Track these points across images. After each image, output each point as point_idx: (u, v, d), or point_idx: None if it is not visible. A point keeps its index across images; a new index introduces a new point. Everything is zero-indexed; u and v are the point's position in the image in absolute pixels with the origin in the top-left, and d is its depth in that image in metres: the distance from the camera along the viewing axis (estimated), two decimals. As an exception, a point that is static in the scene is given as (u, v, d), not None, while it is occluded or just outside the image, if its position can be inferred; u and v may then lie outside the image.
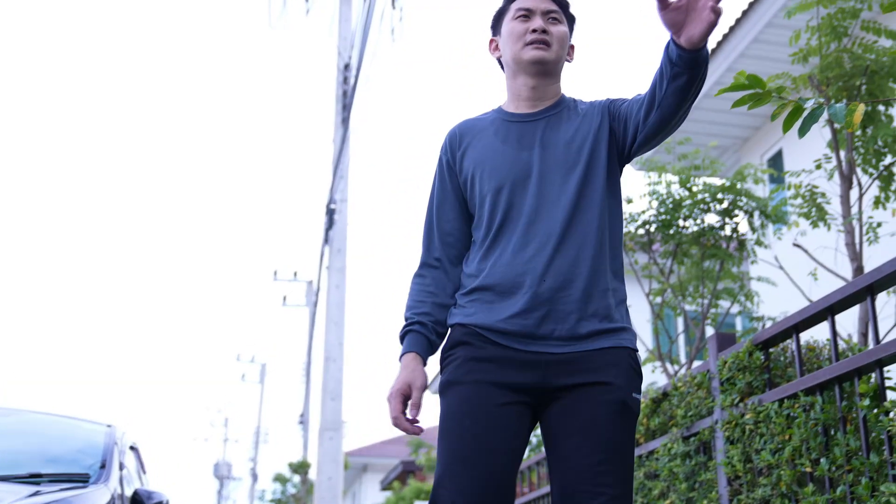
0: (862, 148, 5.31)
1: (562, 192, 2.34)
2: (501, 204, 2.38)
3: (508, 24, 2.48)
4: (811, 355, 3.88)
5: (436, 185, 2.55)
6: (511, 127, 2.46)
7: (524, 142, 2.42)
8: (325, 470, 10.90)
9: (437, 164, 2.57)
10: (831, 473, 3.30)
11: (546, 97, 2.48)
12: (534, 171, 2.37)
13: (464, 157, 2.48)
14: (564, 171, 2.36)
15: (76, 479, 3.98)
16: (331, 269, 11.70)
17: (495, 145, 2.44)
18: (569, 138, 2.40)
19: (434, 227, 2.51)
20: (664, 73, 2.17)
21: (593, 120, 2.42)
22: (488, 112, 2.57)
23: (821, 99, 2.33)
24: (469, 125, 2.55)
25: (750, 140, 10.97)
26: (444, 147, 2.56)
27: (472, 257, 2.45)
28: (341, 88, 12.16)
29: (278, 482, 23.72)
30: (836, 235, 6.09)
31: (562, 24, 2.47)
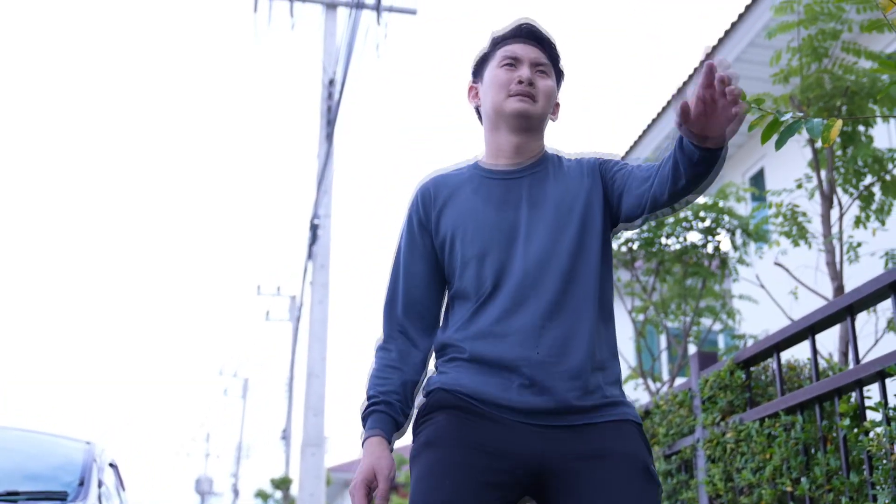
0: (842, 168, 5.36)
1: (553, 255, 2.12)
2: (487, 269, 2.13)
3: (492, 71, 2.25)
4: (792, 374, 3.90)
5: (403, 247, 2.27)
6: (492, 184, 2.22)
7: (509, 200, 2.19)
8: (307, 486, 10.84)
9: (404, 222, 2.29)
10: (812, 493, 3.30)
11: (528, 152, 2.25)
12: (521, 233, 2.14)
13: (440, 218, 2.22)
14: (555, 233, 2.14)
15: (54, 496, 3.94)
16: (314, 285, 11.68)
17: (476, 204, 2.20)
18: (558, 197, 2.18)
19: (400, 294, 2.24)
20: (681, 170, 1.91)
21: (583, 179, 2.22)
22: (462, 166, 2.32)
23: (799, 113, 2.33)
24: (443, 180, 2.29)
25: (732, 158, 11.03)
26: (414, 204, 2.28)
27: (451, 324, 2.18)
28: (326, 104, 12.16)
29: (260, 498, 23.58)
30: (817, 254, 6.13)
31: (550, 78, 2.25)
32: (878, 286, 3.04)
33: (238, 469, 34.16)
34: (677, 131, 1.92)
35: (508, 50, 2.24)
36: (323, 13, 12.90)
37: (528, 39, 2.26)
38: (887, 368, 2.89)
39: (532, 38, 2.26)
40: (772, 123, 2.24)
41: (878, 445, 2.90)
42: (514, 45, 2.25)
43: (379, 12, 11.99)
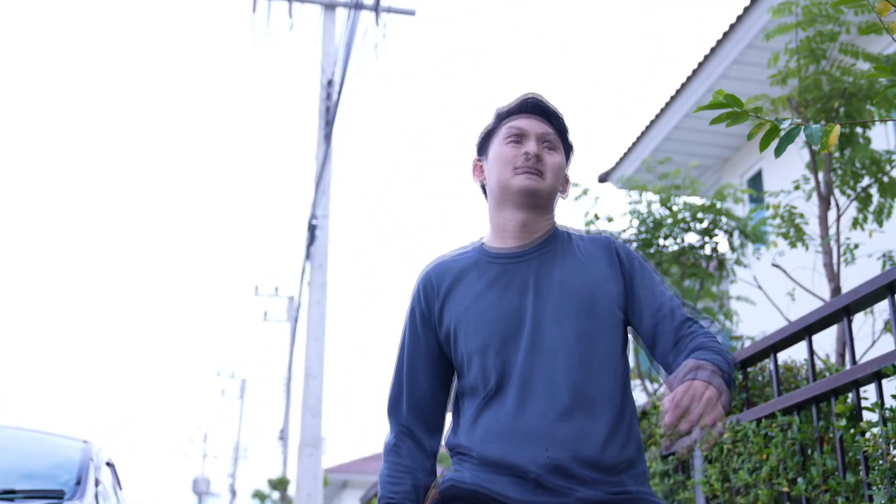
0: (840, 169, 5.37)
1: (562, 346, 1.98)
2: (491, 364, 2.01)
3: (497, 146, 2.13)
4: (789, 375, 3.90)
5: (406, 341, 2.15)
6: (497, 267, 2.09)
7: (514, 285, 2.06)
8: (304, 486, 10.84)
9: (407, 314, 2.17)
10: (808, 493, 3.31)
11: (536, 231, 2.12)
12: (527, 322, 2.01)
13: (443, 309, 2.10)
14: (564, 321, 2.00)
15: (51, 495, 3.94)
16: (312, 285, 11.68)
17: (479, 291, 2.07)
18: (567, 281, 2.04)
19: (404, 391, 2.14)
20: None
21: (598, 264, 2.08)
22: (467, 248, 2.19)
23: (797, 119, 2.34)
24: (446, 267, 2.15)
25: (730, 160, 11.04)
26: (416, 295, 2.16)
27: (461, 424, 2.07)
28: (324, 104, 12.17)
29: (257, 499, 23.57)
30: (814, 256, 6.14)
31: (558, 152, 2.13)
32: (874, 287, 3.05)
33: (235, 469, 34.14)
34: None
35: (514, 125, 2.13)
36: (321, 14, 12.91)
37: (534, 114, 2.15)
38: (884, 369, 2.90)
39: (538, 112, 2.15)
40: (770, 130, 2.25)
41: (875, 446, 2.91)
42: (519, 119, 2.14)
43: (377, 13, 12.01)
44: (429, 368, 2.13)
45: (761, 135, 2.29)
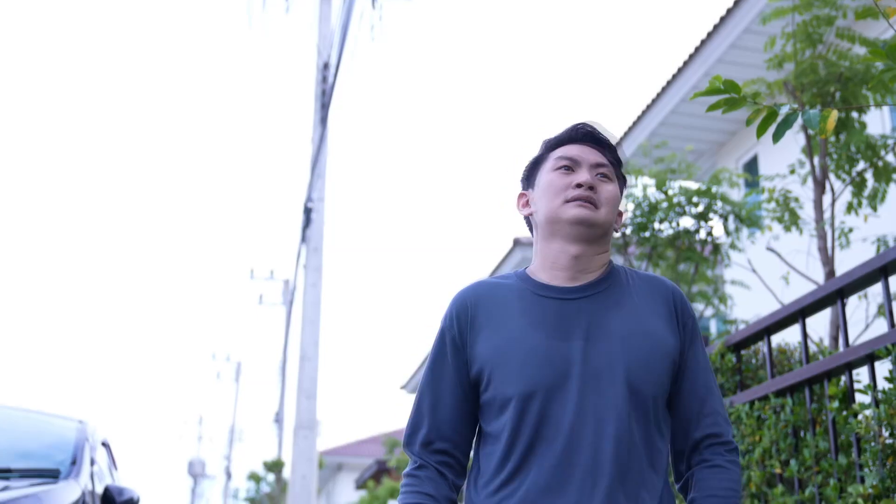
0: (835, 154, 5.37)
1: (614, 409, 1.78)
2: (531, 417, 1.80)
3: (546, 175, 1.96)
4: (782, 358, 3.92)
5: (432, 370, 1.95)
6: (544, 305, 1.88)
7: (563, 327, 1.84)
8: (299, 468, 10.87)
9: (436, 337, 1.96)
10: (800, 474, 3.33)
11: (590, 268, 1.92)
12: (574, 373, 1.80)
13: (478, 339, 1.89)
14: (618, 379, 1.80)
15: (46, 474, 3.96)
16: (307, 268, 11.68)
17: (522, 327, 1.86)
18: (625, 331, 1.84)
19: (425, 421, 1.93)
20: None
21: (660, 320, 1.89)
22: (509, 276, 1.99)
23: (795, 105, 2.35)
24: (485, 292, 1.95)
25: (726, 145, 11.05)
26: (448, 319, 1.95)
27: (481, 482, 1.87)
28: (320, 87, 12.13)
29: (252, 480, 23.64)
30: (809, 240, 6.16)
31: (612, 182, 1.94)
32: (868, 270, 3.06)
33: (231, 452, 34.22)
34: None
35: (564, 152, 1.96)
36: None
37: (586, 142, 1.98)
38: (876, 351, 2.92)
39: (591, 141, 1.98)
40: (768, 116, 2.25)
41: (867, 428, 2.93)
42: (570, 147, 1.97)
43: (374, -5, 11.95)
44: (456, 404, 1.92)
45: (759, 120, 2.29)
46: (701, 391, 1.90)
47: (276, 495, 21.61)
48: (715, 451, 1.87)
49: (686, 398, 1.89)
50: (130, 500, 4.16)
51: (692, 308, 1.96)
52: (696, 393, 1.89)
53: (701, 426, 1.88)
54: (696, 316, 1.97)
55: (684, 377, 1.90)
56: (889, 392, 2.80)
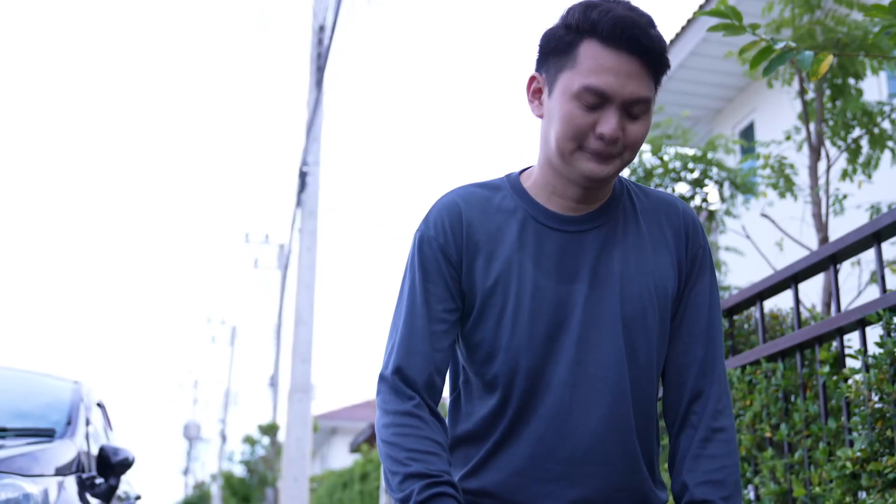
0: (831, 120, 5.37)
1: (612, 362, 1.62)
2: (521, 371, 1.62)
3: (564, 95, 1.56)
4: (774, 323, 3.94)
5: (422, 282, 1.64)
6: (547, 237, 1.64)
7: (566, 266, 1.63)
8: (294, 431, 10.94)
9: (419, 248, 1.66)
10: (790, 438, 3.36)
11: (598, 197, 1.67)
12: (574, 321, 1.62)
13: (474, 264, 1.64)
14: (618, 331, 1.63)
15: (41, 434, 3.98)
16: (302, 232, 11.69)
17: (524, 264, 1.63)
18: (628, 276, 1.64)
19: (421, 348, 1.63)
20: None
21: (666, 255, 1.68)
22: (501, 183, 1.71)
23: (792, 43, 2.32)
24: (479, 204, 1.67)
25: (723, 111, 11.02)
26: (438, 226, 1.65)
27: (461, 432, 1.69)
28: (316, 50, 12.07)
29: (247, 443, 23.78)
30: (803, 206, 6.17)
31: (646, 116, 1.58)
32: (861, 235, 3.07)
33: (226, 415, 34.41)
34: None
35: (595, 83, 1.53)
36: (313, -43, 12.73)
37: (628, 50, 1.53)
38: (868, 317, 2.93)
39: (637, 51, 1.54)
40: (763, 50, 2.24)
41: (857, 392, 2.94)
42: (605, 57, 1.53)
43: (370, -43, 11.86)
44: (450, 326, 1.65)
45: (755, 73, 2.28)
46: (700, 338, 1.69)
47: (271, 458, 21.76)
48: (704, 419, 1.66)
49: (682, 343, 1.69)
50: (125, 460, 4.19)
51: (705, 237, 1.74)
52: (696, 340, 1.69)
53: (695, 382, 1.68)
54: (709, 247, 1.73)
55: (684, 318, 1.69)
56: (879, 357, 2.82)
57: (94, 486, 4.05)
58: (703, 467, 1.63)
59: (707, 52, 9.71)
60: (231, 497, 24.80)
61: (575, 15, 1.56)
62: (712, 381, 1.68)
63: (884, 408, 2.83)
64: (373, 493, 12.96)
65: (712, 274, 1.72)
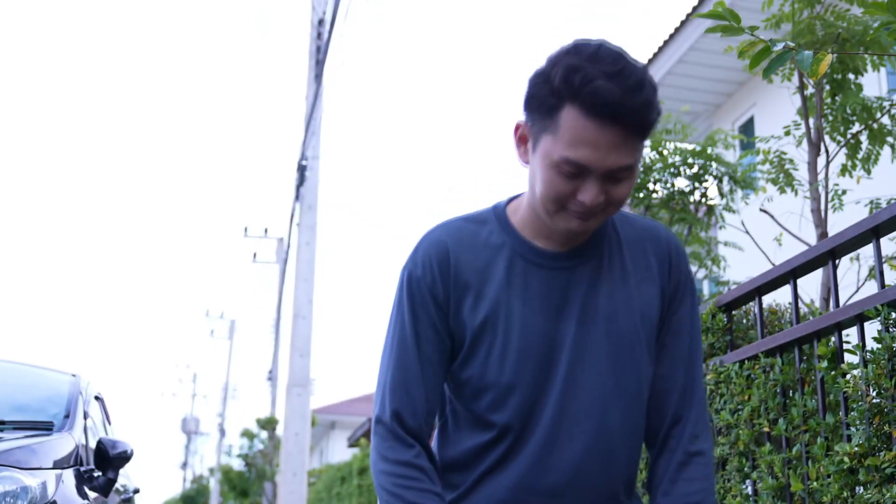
0: (831, 115, 5.36)
1: (599, 398, 1.63)
2: (512, 404, 1.62)
3: (547, 168, 1.53)
4: (773, 318, 3.94)
5: (413, 321, 1.64)
6: (534, 274, 1.64)
7: (552, 302, 1.63)
8: (292, 426, 10.95)
9: (406, 287, 1.66)
10: (788, 433, 3.36)
11: (583, 235, 1.66)
12: (563, 358, 1.62)
13: (463, 302, 1.63)
14: (605, 366, 1.64)
15: (40, 427, 3.98)
16: (301, 226, 11.68)
17: (513, 303, 1.63)
18: (615, 312, 1.65)
19: (418, 389, 1.63)
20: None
21: (650, 287, 1.69)
22: (487, 217, 1.70)
23: (790, 43, 2.32)
24: (466, 240, 1.66)
25: (722, 107, 11.02)
26: (425, 265, 1.65)
27: (451, 455, 1.70)
28: (315, 44, 12.05)
29: (246, 437, 23.80)
30: (802, 202, 6.16)
31: (630, 176, 1.54)
32: (860, 231, 3.07)
33: (224, 409, 34.43)
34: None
35: (575, 147, 1.47)
36: (313, -49, 12.71)
37: (611, 121, 1.46)
38: (866, 311, 2.93)
39: (618, 121, 1.47)
40: (761, 51, 2.24)
41: (855, 387, 2.95)
42: (586, 129, 1.46)
43: (370, -49, 11.82)
44: (443, 362, 1.66)
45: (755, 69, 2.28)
46: (681, 363, 1.71)
47: (270, 452, 21.77)
48: (682, 443, 1.68)
49: (664, 368, 1.71)
50: (124, 453, 4.19)
51: (688, 263, 1.76)
52: (677, 366, 1.71)
53: (675, 406, 1.70)
54: (691, 272, 1.75)
55: (666, 344, 1.71)
56: (877, 352, 2.82)
57: (92, 479, 4.05)
58: (680, 490, 1.65)
59: (706, 47, 9.70)
60: (229, 491, 24.82)
61: (557, 77, 1.48)
62: (691, 406, 1.70)
63: (882, 403, 2.83)
64: (371, 487, 12.98)
65: (693, 299, 1.74)
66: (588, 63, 1.46)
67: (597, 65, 1.46)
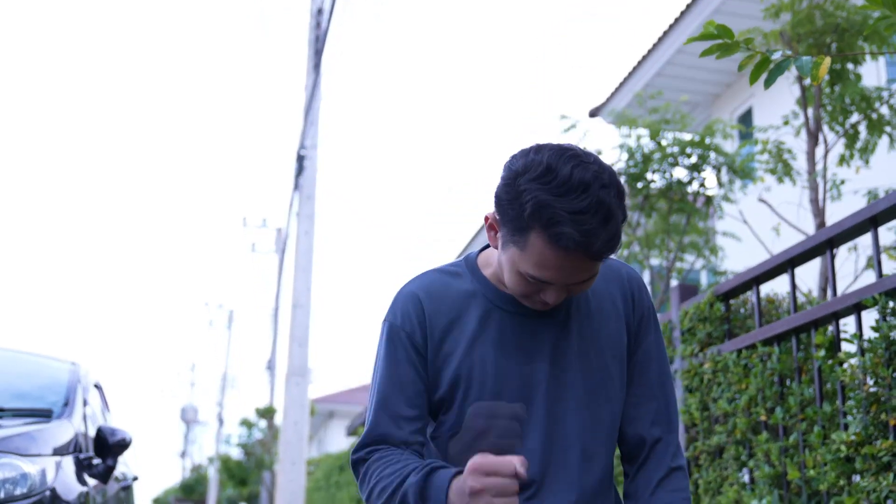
0: (829, 105, 5.36)
1: (576, 433, 1.70)
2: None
3: (512, 272, 1.62)
4: (771, 307, 3.95)
5: (391, 374, 1.71)
6: (507, 321, 1.72)
7: (525, 346, 1.71)
8: (291, 415, 10.96)
9: (388, 336, 1.73)
10: (785, 422, 3.37)
11: None
12: (538, 396, 1.69)
13: (439, 353, 1.71)
14: (581, 402, 1.71)
15: (39, 414, 3.99)
16: (300, 216, 11.67)
17: (487, 350, 1.70)
18: (585, 350, 1.73)
19: (396, 423, 1.69)
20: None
21: (615, 323, 1.78)
22: (460, 268, 1.79)
23: (788, 51, 2.34)
24: (439, 291, 1.75)
25: (721, 97, 11.00)
26: (404, 315, 1.72)
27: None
28: (314, 33, 12.02)
29: (245, 427, 23.82)
30: (801, 191, 6.17)
31: (592, 279, 1.63)
32: (858, 220, 3.07)
33: (223, 398, 34.45)
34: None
35: (540, 269, 1.57)
36: (312, -60, 12.67)
37: (576, 253, 1.54)
38: (863, 301, 2.94)
39: (585, 254, 1.55)
40: (761, 62, 2.24)
41: (852, 376, 2.96)
42: (552, 257, 1.55)
43: (369, -61, 11.78)
44: (424, 406, 1.72)
45: (751, 67, 2.28)
46: (653, 390, 1.80)
47: (268, 441, 21.80)
48: (664, 460, 1.77)
49: (636, 395, 1.79)
50: (123, 441, 4.20)
51: (650, 296, 1.86)
52: (649, 391, 1.80)
53: (652, 429, 1.79)
54: (653, 306, 1.85)
55: (636, 371, 1.80)
56: (875, 341, 2.83)
57: (91, 466, 4.06)
58: (662, 499, 1.75)
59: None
60: (228, 480, 24.85)
61: (527, 208, 1.53)
62: (669, 429, 1.80)
63: (878, 391, 2.84)
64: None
65: (657, 330, 1.84)
66: (557, 199, 1.52)
67: (565, 200, 1.51)
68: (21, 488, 3.33)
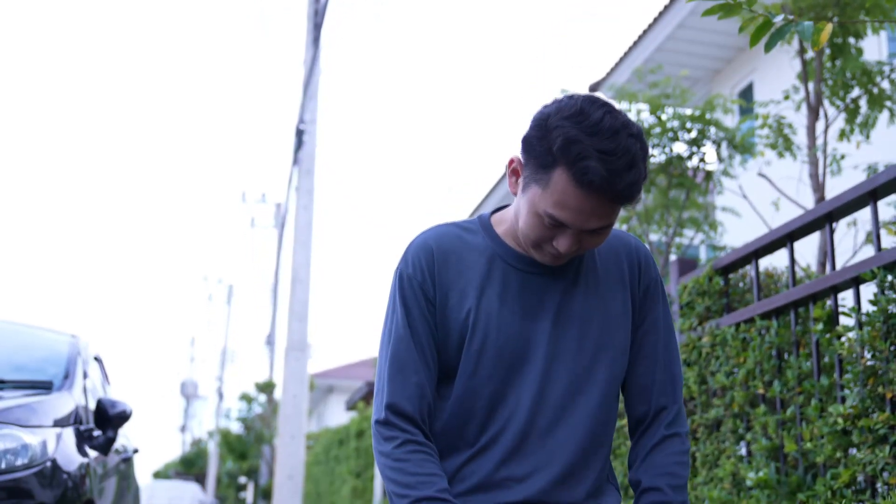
0: (830, 80, 5.35)
1: (572, 394, 1.74)
2: (485, 396, 1.73)
3: (531, 214, 1.65)
4: (769, 281, 3.95)
5: (403, 323, 1.75)
6: (514, 276, 1.75)
7: (530, 303, 1.75)
8: (290, 389, 10.99)
9: (399, 286, 1.77)
10: (783, 395, 3.39)
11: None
12: (538, 357, 1.73)
13: (447, 300, 1.74)
14: (578, 363, 1.75)
15: (39, 386, 4.00)
16: (299, 191, 11.65)
17: (492, 302, 1.74)
18: (589, 317, 1.76)
19: (420, 382, 1.73)
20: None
21: (621, 294, 1.81)
22: (473, 225, 1.82)
23: (790, 16, 2.31)
24: (451, 245, 1.78)
25: (722, 72, 10.96)
26: (415, 264, 1.75)
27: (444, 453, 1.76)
28: (313, 7, 11.96)
29: (244, 401, 23.93)
30: (801, 166, 6.16)
31: (606, 232, 1.68)
32: (857, 193, 3.07)
33: (223, 373, 34.56)
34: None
35: (560, 208, 1.60)
36: (311, -88, 12.58)
37: (598, 193, 1.58)
38: (862, 275, 2.94)
39: (606, 196, 1.59)
40: (762, 25, 2.23)
41: (850, 349, 2.97)
42: (573, 195, 1.58)
43: (368, -88, 11.70)
44: (435, 355, 1.76)
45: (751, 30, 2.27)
46: (660, 362, 1.83)
47: (268, 416, 21.90)
48: (662, 426, 1.82)
49: (642, 366, 1.83)
50: (123, 413, 4.22)
51: (657, 269, 1.87)
52: (655, 363, 1.83)
53: (657, 398, 1.83)
54: (661, 279, 1.87)
55: (643, 343, 1.83)
56: (873, 315, 2.83)
57: (92, 437, 4.08)
58: (656, 461, 1.79)
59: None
60: (228, 454, 24.99)
61: (556, 143, 1.58)
62: (673, 398, 1.84)
63: (876, 365, 2.85)
64: (368, 449, 13.07)
65: (665, 303, 1.88)
66: (587, 136, 1.56)
67: (595, 139, 1.56)
68: (22, 459, 3.35)
